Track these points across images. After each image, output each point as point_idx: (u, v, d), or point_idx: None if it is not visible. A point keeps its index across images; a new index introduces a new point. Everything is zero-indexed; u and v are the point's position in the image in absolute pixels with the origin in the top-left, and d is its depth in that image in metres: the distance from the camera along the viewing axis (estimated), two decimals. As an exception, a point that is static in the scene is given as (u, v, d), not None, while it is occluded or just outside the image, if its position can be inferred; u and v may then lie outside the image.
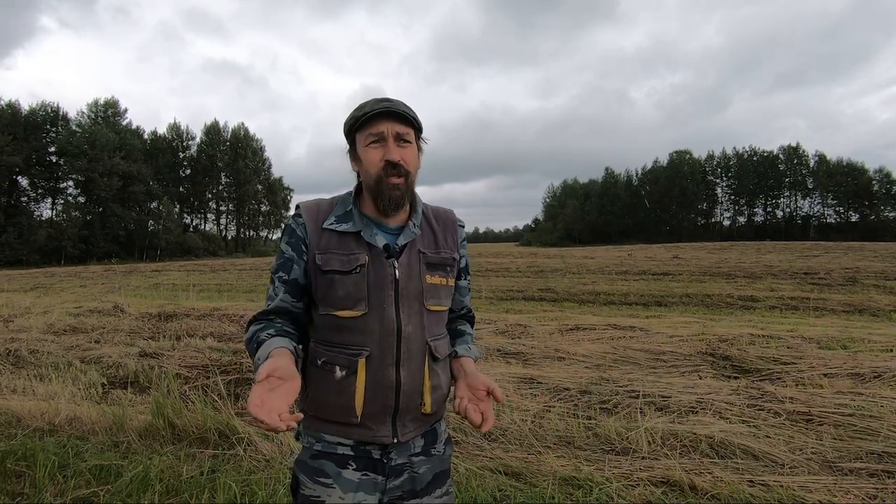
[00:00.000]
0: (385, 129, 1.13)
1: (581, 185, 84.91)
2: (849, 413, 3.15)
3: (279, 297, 1.17)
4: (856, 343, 5.27)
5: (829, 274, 14.65)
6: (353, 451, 1.15)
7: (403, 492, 1.17)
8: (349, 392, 1.12)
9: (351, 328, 1.12)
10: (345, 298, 1.12)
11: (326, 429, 1.16)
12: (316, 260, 1.14)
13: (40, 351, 5.46)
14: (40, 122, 46.23)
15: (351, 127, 1.18)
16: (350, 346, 1.12)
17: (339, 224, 1.17)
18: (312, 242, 1.16)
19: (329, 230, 1.17)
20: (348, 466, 1.14)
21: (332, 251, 1.14)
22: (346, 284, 1.12)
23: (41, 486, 2.55)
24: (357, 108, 1.18)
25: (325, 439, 1.16)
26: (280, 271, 1.18)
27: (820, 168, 67.37)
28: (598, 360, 4.81)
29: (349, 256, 1.14)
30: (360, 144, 1.16)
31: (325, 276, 1.13)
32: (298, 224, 1.19)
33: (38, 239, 41.69)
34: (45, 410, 3.57)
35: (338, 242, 1.15)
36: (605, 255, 29.85)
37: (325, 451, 1.16)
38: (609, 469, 2.65)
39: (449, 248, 1.25)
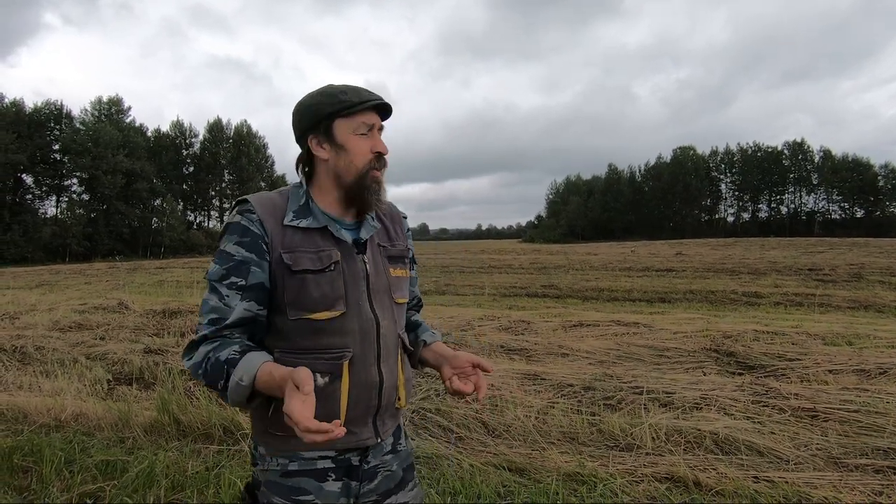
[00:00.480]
0: (376, 122, 1.10)
1: (584, 182, 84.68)
2: (854, 409, 3.14)
3: (240, 307, 1.02)
4: (861, 339, 5.25)
5: (833, 270, 14.58)
6: (334, 461, 1.09)
7: (378, 495, 1.14)
8: (334, 398, 1.05)
9: (329, 330, 1.05)
10: (320, 299, 1.04)
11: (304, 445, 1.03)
12: (284, 259, 1.03)
13: (46, 348, 5.49)
14: (44, 120, 46.38)
15: (337, 110, 1.07)
16: (330, 350, 1.05)
17: (300, 219, 1.07)
18: (275, 241, 1.04)
19: (291, 227, 1.06)
20: (328, 478, 1.07)
21: (298, 249, 1.04)
22: (321, 284, 1.04)
23: (48, 481, 2.57)
24: (339, 92, 1.08)
25: (302, 457, 1.07)
26: (232, 276, 1.02)
27: (825, 164, 66.97)
28: (601, 357, 4.80)
29: (320, 254, 1.05)
30: (345, 131, 1.08)
31: (294, 277, 1.03)
32: (252, 221, 1.04)
33: (43, 236, 41.90)
34: (52, 406, 3.59)
35: (302, 240, 1.06)
36: (609, 251, 29.78)
37: (303, 468, 1.07)
38: (613, 465, 2.65)
39: (401, 240, 1.22)
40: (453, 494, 2.38)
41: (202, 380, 0.99)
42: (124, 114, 53.89)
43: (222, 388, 0.96)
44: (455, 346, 5.30)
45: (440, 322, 6.50)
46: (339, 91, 1.09)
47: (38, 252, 40.85)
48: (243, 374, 0.94)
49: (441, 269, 19.20)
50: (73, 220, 45.16)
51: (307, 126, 1.09)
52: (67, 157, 46.16)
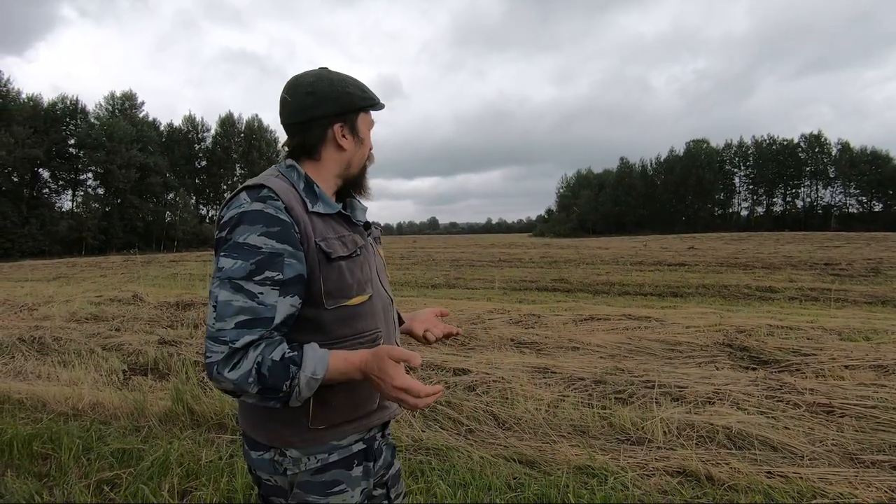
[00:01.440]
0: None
1: (595, 176, 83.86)
2: (871, 405, 3.09)
3: (283, 304, 0.94)
4: (879, 335, 5.15)
5: (850, 265, 14.30)
6: (364, 442, 1.10)
7: (384, 468, 1.17)
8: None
9: (362, 314, 1.07)
10: (355, 285, 1.04)
11: (344, 431, 1.06)
12: (323, 248, 0.99)
13: (63, 338, 5.60)
14: (60, 115, 46.99)
15: (363, 105, 1.11)
16: (365, 333, 1.07)
17: (317, 206, 1.04)
18: (306, 229, 0.99)
19: (315, 213, 1.02)
20: (353, 465, 1.08)
21: (328, 236, 1.02)
22: (353, 269, 1.05)
23: (66, 468, 2.63)
24: (362, 86, 1.12)
25: (339, 446, 1.06)
26: (267, 270, 0.92)
27: (843, 156, 65.57)
28: (612, 351, 4.77)
29: (343, 239, 1.05)
30: (365, 126, 1.13)
31: (331, 265, 1.00)
32: (279, 209, 0.96)
33: (60, 230, 42.59)
34: (69, 395, 3.66)
35: (324, 226, 1.03)
36: (620, 245, 29.53)
37: (340, 457, 1.06)
38: (624, 458, 2.64)
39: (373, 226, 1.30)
40: (464, 486, 2.39)
41: (256, 387, 0.89)
42: (137, 108, 54.42)
43: (288, 388, 0.89)
44: (464, 337, 5.31)
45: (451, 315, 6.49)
46: (362, 86, 1.13)
47: (55, 245, 41.55)
48: (316, 367, 0.91)
49: (451, 262, 19.19)
50: (89, 214, 45.83)
51: (335, 112, 1.07)
52: (83, 152, 46.77)
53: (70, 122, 48.02)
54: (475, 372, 3.90)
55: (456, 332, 1.35)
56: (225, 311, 0.91)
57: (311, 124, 1.07)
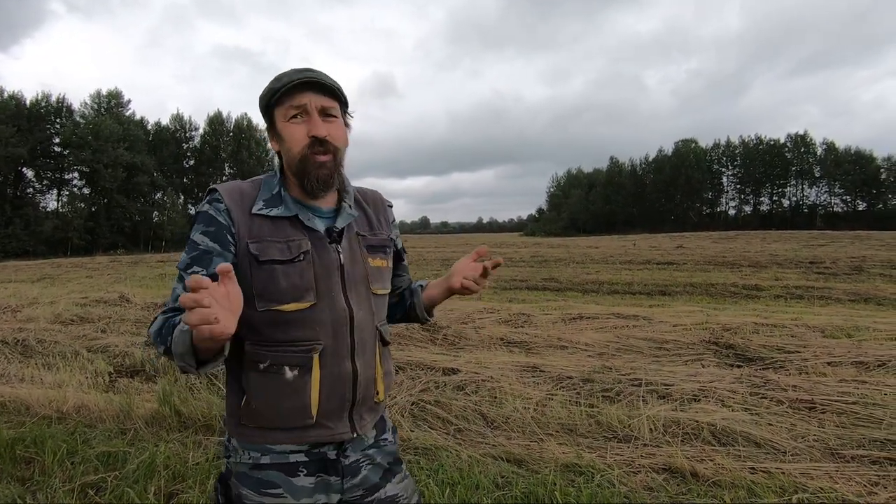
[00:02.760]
0: (308, 102, 1.03)
1: (585, 175, 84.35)
2: (852, 401, 3.15)
3: None
4: (860, 332, 5.25)
5: (834, 263, 14.55)
6: (307, 455, 1.07)
7: (366, 489, 1.12)
8: (304, 392, 1.03)
9: (299, 322, 1.02)
10: (289, 290, 1.01)
11: (275, 438, 1.05)
12: (250, 250, 1.01)
13: (48, 340, 5.52)
14: (44, 114, 46.26)
15: (269, 101, 1.05)
16: (299, 343, 1.03)
17: (270, 208, 1.05)
18: (242, 230, 1.02)
19: (259, 216, 1.04)
20: (298, 473, 1.06)
21: (266, 239, 1.02)
22: (290, 274, 1.01)
23: (50, 472, 2.59)
24: (274, 80, 1.06)
25: (272, 450, 1.06)
26: (195, 265, 1.00)
27: (828, 156, 66.61)
28: (600, 349, 4.81)
29: (289, 243, 1.03)
30: (280, 120, 1.05)
31: (261, 268, 1.01)
32: (219, 210, 1.03)
33: (45, 230, 41.93)
34: (54, 398, 3.62)
35: (271, 229, 1.03)
36: (610, 244, 29.75)
37: (274, 461, 1.06)
38: (611, 456, 2.67)
39: (384, 230, 1.20)
40: (451, 485, 2.40)
41: (156, 342, 0.95)
42: (124, 107, 53.71)
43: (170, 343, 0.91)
44: (454, 337, 5.32)
45: (440, 315, 6.52)
46: (277, 76, 1.06)
47: (39, 246, 40.90)
48: (184, 327, 0.89)
49: (441, 262, 19.21)
50: (75, 214, 45.16)
51: (265, 119, 1.09)
52: (68, 151, 46.09)
53: (55, 121, 47.29)
54: (464, 371, 3.92)
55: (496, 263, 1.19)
56: (171, 295, 1.03)
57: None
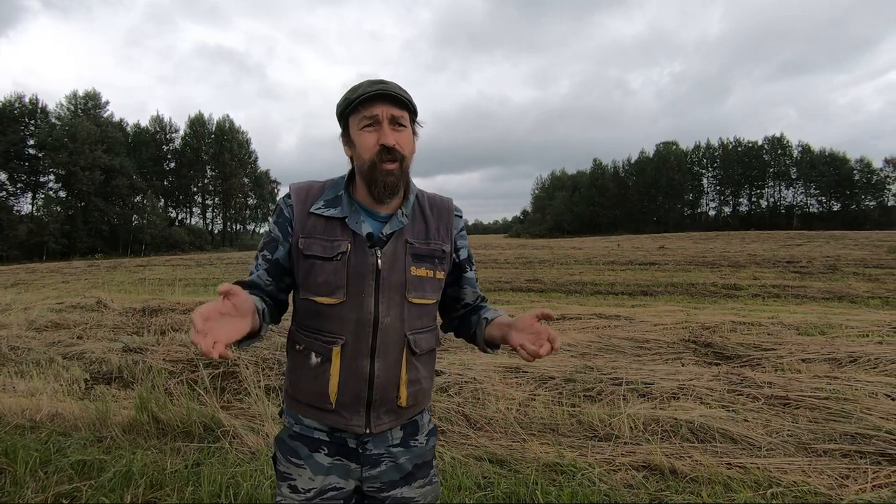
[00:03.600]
0: (380, 112, 1.09)
1: (569, 177, 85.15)
2: (824, 396, 3.24)
3: (257, 274, 1.17)
4: (834, 329, 5.39)
5: (810, 262, 14.92)
6: (329, 436, 1.17)
7: (383, 483, 1.16)
8: (323, 379, 1.13)
9: (328, 315, 1.12)
10: (323, 285, 1.11)
11: (304, 411, 1.17)
12: (299, 244, 1.14)
13: (21, 347, 5.37)
14: (17, 115, 45.05)
15: (344, 110, 1.13)
16: (326, 334, 1.13)
17: (327, 209, 1.15)
18: (298, 226, 1.15)
19: (315, 214, 1.15)
20: (320, 451, 1.16)
21: (315, 236, 1.13)
22: (326, 271, 1.11)
23: (22, 482, 2.52)
24: (350, 90, 1.14)
25: (302, 422, 1.18)
26: (265, 249, 1.18)
27: (803, 158, 68.33)
28: (583, 349, 4.86)
29: (331, 243, 1.12)
30: (354, 128, 1.12)
31: (306, 261, 1.13)
32: (287, 205, 1.18)
33: (19, 234, 40.77)
34: (27, 407, 3.52)
35: (323, 227, 1.14)
36: (593, 245, 30.06)
37: (302, 433, 1.18)
38: (592, 454, 2.70)
39: (440, 239, 1.21)
40: (434, 487, 2.40)
41: None
42: (102, 108, 52.60)
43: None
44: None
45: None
46: (353, 88, 1.14)
47: (13, 251, 39.78)
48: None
49: (427, 264, 19.18)
50: (50, 218, 44.03)
51: (340, 126, 1.18)
52: (43, 153, 44.95)
53: (29, 123, 46.09)
54: (448, 373, 3.92)
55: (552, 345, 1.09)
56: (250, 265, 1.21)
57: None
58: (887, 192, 63.43)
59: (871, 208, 63.18)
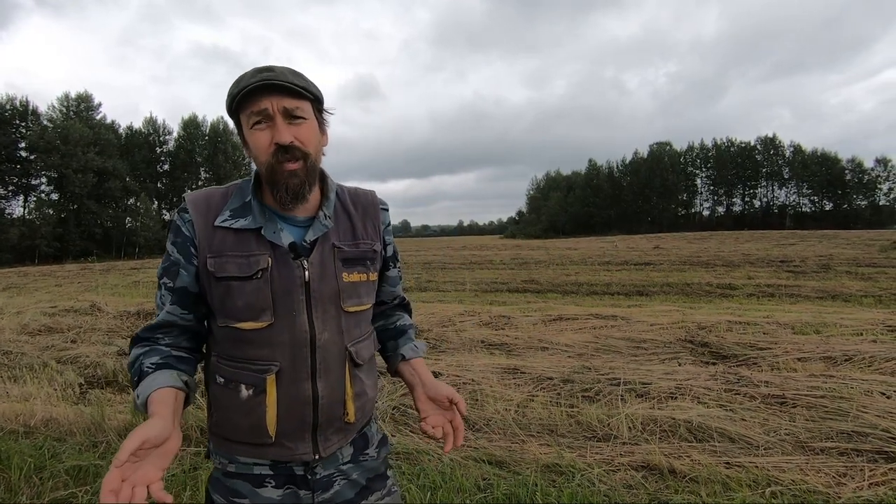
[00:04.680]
0: (269, 106, 0.93)
1: (563, 177, 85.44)
2: (821, 395, 3.26)
3: (165, 309, 1.01)
4: (828, 328, 5.43)
5: (803, 261, 15.03)
6: (272, 469, 1.03)
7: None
8: (259, 412, 0.98)
9: (255, 341, 0.97)
10: (245, 309, 0.96)
11: (238, 450, 1.03)
12: (208, 265, 0.97)
13: (14, 352, 5.32)
14: (9, 118, 44.69)
15: (230, 106, 0.96)
16: (255, 362, 0.97)
17: (235, 220, 0.98)
18: (202, 244, 0.97)
19: (223, 228, 0.98)
20: (266, 485, 1.02)
21: (227, 253, 0.96)
22: (246, 292, 0.95)
23: (16, 488, 2.50)
24: (234, 83, 0.95)
25: (238, 460, 1.04)
26: (165, 276, 1.00)
27: (795, 158, 68.92)
28: (580, 350, 4.87)
29: (248, 259, 0.96)
30: (245, 126, 0.96)
31: (220, 284, 0.96)
32: (185, 221, 0.99)
33: (11, 238, 40.42)
34: (21, 412, 3.48)
35: (234, 242, 0.97)
36: (589, 246, 30.15)
37: (240, 471, 1.03)
38: (591, 455, 2.70)
39: (369, 238, 1.08)
40: (433, 489, 2.39)
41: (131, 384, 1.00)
42: (94, 110, 52.24)
43: (133, 399, 0.96)
44: (435, 340, 5.31)
45: (422, 319, 6.51)
46: (237, 79, 0.95)
47: (5, 254, 39.42)
48: (141, 394, 0.92)
49: (423, 265, 19.18)
50: (42, 221, 43.67)
51: (234, 124, 1.01)
52: (35, 156, 44.60)
53: (20, 125, 45.73)
54: (446, 374, 3.92)
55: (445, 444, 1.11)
56: (155, 299, 1.06)
57: None
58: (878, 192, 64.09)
59: (863, 207, 63.84)
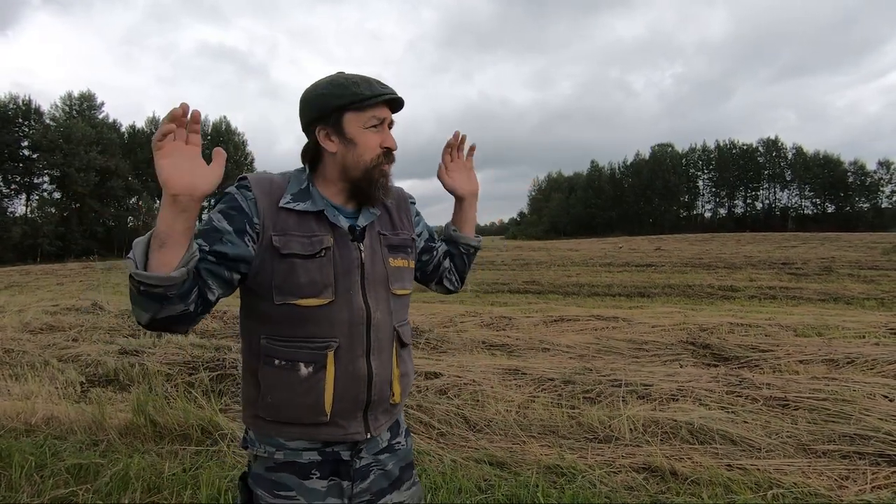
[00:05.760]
0: (388, 116, 1.10)
1: (565, 178, 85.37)
2: (823, 398, 3.24)
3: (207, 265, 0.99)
4: (830, 330, 5.41)
5: (805, 264, 14.99)
6: (321, 454, 1.07)
7: (373, 494, 1.11)
8: (317, 389, 1.03)
9: (315, 318, 1.03)
10: (308, 285, 1.02)
11: (289, 433, 1.05)
12: (273, 242, 1.01)
13: (15, 350, 5.33)
14: (11, 116, 44.81)
15: (344, 104, 1.05)
16: (315, 339, 1.03)
17: (297, 202, 1.05)
18: (267, 223, 1.02)
19: (286, 209, 1.04)
20: (312, 476, 1.06)
21: (290, 233, 1.03)
22: (310, 270, 1.02)
23: (17, 486, 2.50)
24: (351, 84, 1.06)
25: (286, 446, 1.06)
26: (199, 238, 0.97)
27: (797, 160, 68.79)
28: (581, 351, 4.86)
29: (311, 238, 1.04)
30: (354, 125, 1.06)
31: (284, 261, 1.01)
32: (247, 198, 1.03)
33: (13, 236, 40.50)
34: (22, 410, 3.49)
35: (296, 223, 1.04)
36: (590, 247, 30.13)
37: (287, 459, 1.06)
38: (592, 456, 2.70)
39: (406, 229, 1.20)
40: (434, 490, 2.39)
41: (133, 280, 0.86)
42: (97, 109, 52.39)
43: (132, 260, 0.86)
44: (436, 341, 5.30)
45: (423, 319, 6.50)
46: (352, 83, 1.06)
47: (7, 253, 39.51)
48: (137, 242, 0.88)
49: (424, 266, 19.17)
50: (45, 220, 43.78)
51: (315, 117, 1.08)
52: (37, 154, 44.73)
53: (23, 124, 45.86)
54: (447, 375, 3.91)
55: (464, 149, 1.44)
56: None
57: (304, 131, 1.12)
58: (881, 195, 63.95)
59: (865, 210, 63.65)
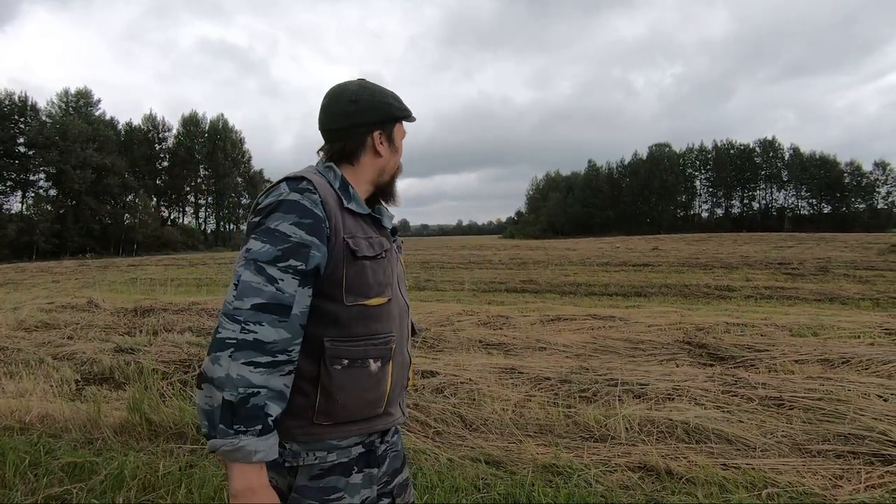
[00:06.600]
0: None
1: (563, 178, 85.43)
2: (818, 397, 3.26)
3: (302, 295, 0.96)
4: (826, 330, 5.43)
5: (801, 264, 15.04)
6: (364, 446, 1.09)
7: (388, 475, 1.17)
8: (384, 382, 1.08)
9: (378, 316, 1.08)
10: (375, 286, 1.07)
11: (347, 431, 1.06)
12: (350, 245, 1.03)
13: (10, 348, 5.30)
14: (7, 113, 44.57)
15: (401, 116, 1.17)
16: (379, 335, 1.07)
17: (351, 203, 1.09)
18: (337, 225, 1.02)
19: (349, 211, 1.07)
20: (352, 471, 1.07)
21: (356, 235, 1.06)
22: (376, 271, 1.07)
23: (11, 485, 2.49)
24: (399, 99, 1.19)
25: (339, 446, 1.05)
26: (290, 259, 0.94)
27: (794, 161, 68.99)
28: (578, 350, 4.87)
29: (371, 240, 1.08)
30: (399, 136, 1.19)
31: (356, 263, 1.03)
32: (315, 202, 1.00)
33: (8, 233, 40.30)
34: (16, 408, 3.47)
35: (355, 225, 1.07)
36: (587, 246, 30.17)
37: (338, 460, 1.05)
38: (588, 455, 2.70)
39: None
40: (430, 489, 2.39)
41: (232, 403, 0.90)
42: (94, 106, 52.17)
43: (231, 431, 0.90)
44: (433, 339, 5.30)
45: (420, 318, 6.50)
46: (399, 98, 1.19)
47: (2, 250, 39.31)
48: (258, 450, 0.92)
49: (421, 264, 19.16)
50: (40, 217, 43.55)
51: (374, 120, 1.14)
52: (33, 151, 44.50)
53: (19, 120, 45.61)
54: (443, 374, 3.91)
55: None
56: (245, 291, 0.93)
57: (353, 131, 1.13)
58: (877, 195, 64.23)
59: (861, 210, 63.92)
